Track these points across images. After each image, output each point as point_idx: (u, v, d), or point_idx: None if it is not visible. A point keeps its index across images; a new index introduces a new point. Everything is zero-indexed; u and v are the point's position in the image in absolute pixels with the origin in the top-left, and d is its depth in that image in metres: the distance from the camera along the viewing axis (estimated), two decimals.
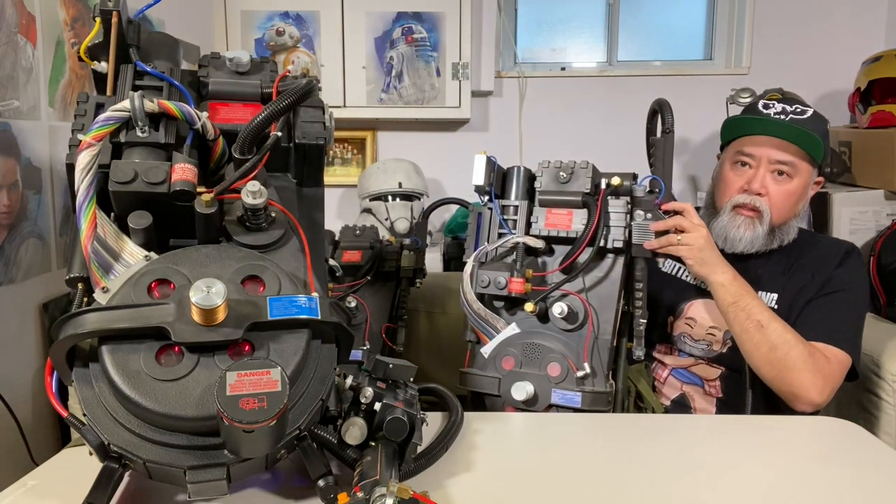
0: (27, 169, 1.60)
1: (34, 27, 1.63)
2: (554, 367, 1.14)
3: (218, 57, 0.96)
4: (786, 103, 1.38)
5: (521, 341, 1.17)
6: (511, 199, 1.25)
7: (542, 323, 1.19)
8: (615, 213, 1.17)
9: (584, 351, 1.15)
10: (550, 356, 1.14)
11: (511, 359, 1.17)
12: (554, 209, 1.20)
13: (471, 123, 3.08)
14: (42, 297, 1.65)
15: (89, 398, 0.71)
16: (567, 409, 1.12)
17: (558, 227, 1.19)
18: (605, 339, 1.16)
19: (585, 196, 1.17)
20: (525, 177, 1.26)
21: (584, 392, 1.11)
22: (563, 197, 1.19)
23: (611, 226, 1.17)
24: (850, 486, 0.86)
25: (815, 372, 1.22)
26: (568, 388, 1.13)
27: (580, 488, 0.85)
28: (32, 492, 0.83)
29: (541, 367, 1.15)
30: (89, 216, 0.75)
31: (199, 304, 0.68)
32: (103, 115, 0.80)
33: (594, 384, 1.13)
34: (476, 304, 1.19)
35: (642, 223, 1.17)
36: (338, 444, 0.80)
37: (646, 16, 3.26)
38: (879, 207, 2.35)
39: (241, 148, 0.84)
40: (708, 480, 0.87)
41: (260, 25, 2.86)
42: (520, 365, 1.16)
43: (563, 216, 1.19)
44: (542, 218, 1.20)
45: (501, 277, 1.17)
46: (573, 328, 1.16)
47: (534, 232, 1.21)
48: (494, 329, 1.19)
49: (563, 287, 1.18)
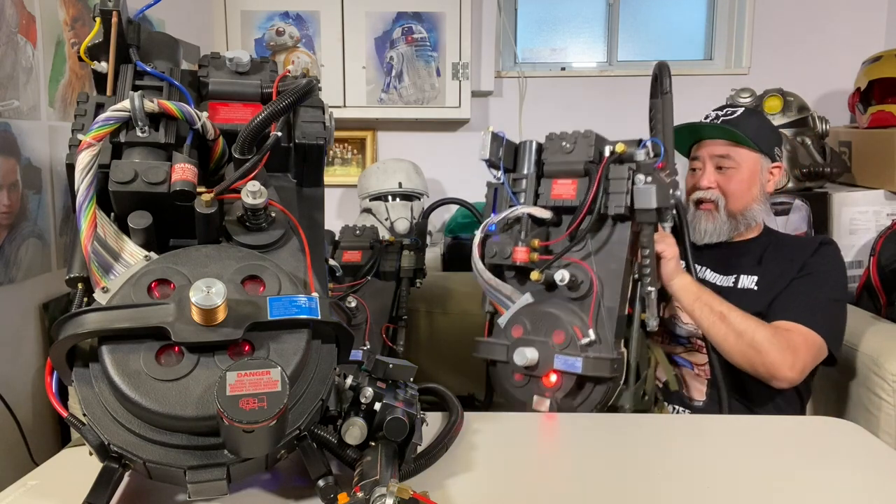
0: (27, 169, 1.60)
1: (34, 27, 1.63)
2: (559, 334, 1.14)
3: (218, 57, 0.96)
4: (720, 109, 1.61)
5: (530, 310, 1.18)
6: (521, 173, 1.27)
7: (550, 292, 1.20)
8: (617, 179, 1.17)
9: (590, 318, 1.15)
10: (556, 323, 1.15)
11: (520, 327, 1.18)
12: (560, 179, 1.21)
13: (471, 123, 3.07)
14: (42, 297, 1.65)
15: (89, 398, 0.71)
16: (569, 374, 1.12)
17: (563, 197, 1.20)
18: (611, 306, 1.16)
19: (587, 164, 1.18)
20: (534, 150, 1.28)
21: (585, 357, 1.11)
22: (568, 167, 1.20)
23: (611, 192, 1.16)
24: (850, 486, 0.86)
25: (782, 349, 1.31)
26: (570, 354, 1.13)
27: (580, 488, 0.85)
28: (32, 492, 0.83)
29: (547, 334, 1.15)
30: (89, 216, 0.75)
31: (199, 304, 0.68)
32: (103, 115, 0.80)
33: (599, 351, 1.13)
34: (486, 273, 1.21)
35: (643, 187, 1.15)
36: (338, 444, 0.80)
37: (646, 16, 3.26)
38: (879, 207, 2.35)
39: (241, 148, 0.84)
40: (708, 480, 0.87)
41: (260, 25, 2.86)
42: (528, 333, 1.17)
43: (568, 186, 1.20)
44: (549, 189, 1.22)
45: (507, 247, 1.19)
46: (579, 296, 1.17)
47: (541, 203, 1.22)
48: (508, 299, 1.21)
49: (568, 255, 1.18)
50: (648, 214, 1.17)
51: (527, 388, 1.17)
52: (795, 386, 1.45)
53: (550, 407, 1.13)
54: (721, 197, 1.53)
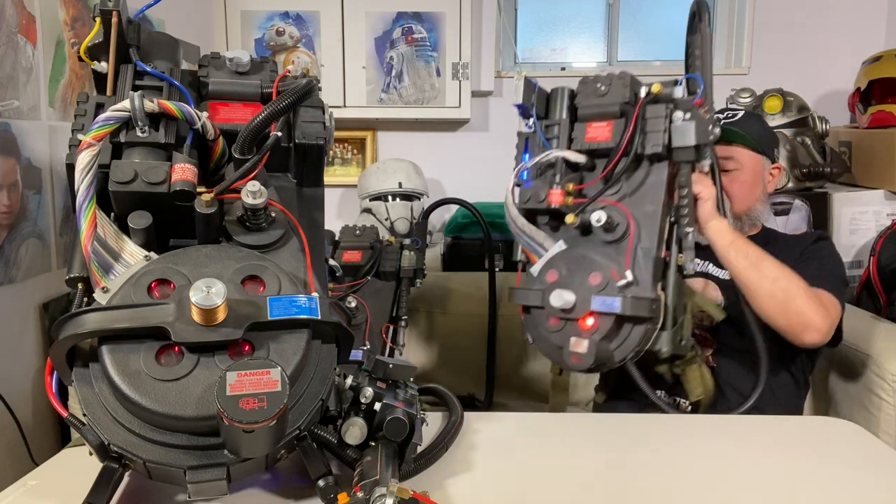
0: (27, 169, 1.60)
1: (34, 27, 1.63)
2: (595, 276, 1.11)
3: (218, 57, 0.96)
4: (720, 112, 1.59)
5: (564, 254, 1.16)
6: (553, 118, 1.24)
7: (584, 237, 1.17)
8: (654, 118, 1.13)
9: (626, 259, 1.11)
10: (592, 266, 1.11)
11: (555, 272, 1.15)
12: (594, 122, 1.18)
13: (471, 123, 3.07)
14: (42, 297, 1.65)
15: (89, 398, 0.71)
16: (607, 316, 1.08)
17: (598, 140, 1.17)
18: (648, 248, 1.13)
19: (623, 105, 1.15)
20: (567, 96, 1.24)
21: (623, 297, 1.07)
22: (602, 109, 1.17)
23: (648, 132, 1.13)
24: (850, 486, 0.86)
25: (814, 301, 1.29)
26: (608, 295, 1.09)
27: (580, 488, 0.85)
28: (32, 492, 0.83)
29: (583, 277, 1.12)
30: (89, 216, 0.75)
31: (199, 304, 0.68)
32: (103, 115, 0.80)
33: (637, 292, 1.09)
34: (520, 219, 1.18)
35: (681, 124, 1.12)
36: (338, 444, 0.80)
37: (646, 16, 3.26)
38: (879, 207, 2.35)
39: (241, 148, 0.84)
40: (708, 480, 0.87)
41: (260, 25, 2.86)
42: (563, 277, 1.14)
43: (603, 128, 1.17)
44: (582, 133, 1.19)
45: (541, 191, 1.16)
46: (615, 239, 1.13)
47: (575, 147, 1.19)
48: (541, 247, 1.18)
49: (603, 198, 1.15)
50: (687, 152, 1.13)
51: (563, 332, 1.13)
52: (795, 378, 1.46)
53: (588, 348, 1.07)
54: (726, 199, 1.50)
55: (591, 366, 1.07)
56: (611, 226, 1.12)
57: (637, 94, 1.16)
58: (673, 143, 1.13)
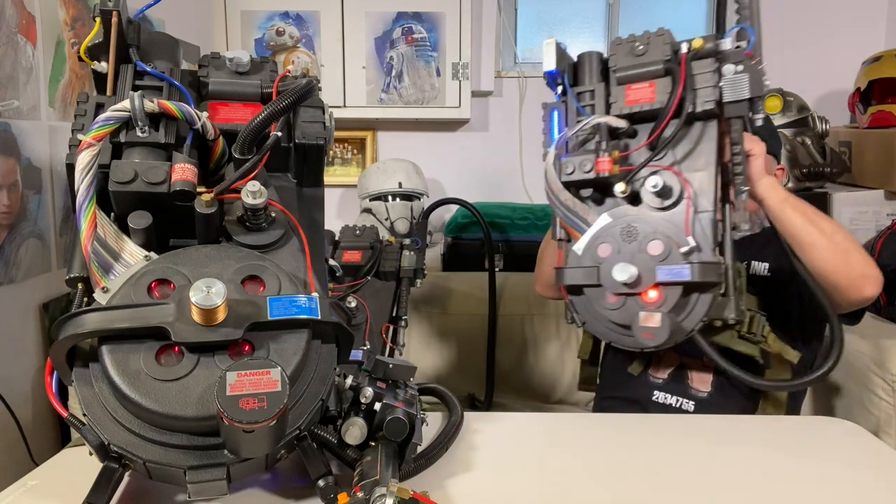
0: (27, 169, 1.60)
1: (34, 27, 1.63)
2: (655, 246, 1.05)
3: (218, 57, 0.96)
4: None
5: (616, 226, 1.09)
6: (585, 85, 1.17)
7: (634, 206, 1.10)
8: (703, 73, 1.07)
9: (686, 225, 1.06)
10: (650, 235, 1.05)
11: (607, 246, 1.08)
12: (634, 84, 1.12)
13: (471, 123, 3.07)
14: (42, 297, 1.65)
15: (89, 398, 0.71)
16: (675, 284, 1.03)
17: (641, 102, 1.11)
18: (705, 212, 1.08)
19: (667, 63, 1.09)
20: (596, 60, 1.18)
21: (692, 263, 1.01)
22: (643, 69, 1.10)
23: (698, 88, 1.07)
24: (850, 486, 0.86)
25: (867, 256, 1.26)
26: (674, 263, 1.03)
27: (580, 488, 0.85)
28: (32, 492, 0.83)
29: (641, 248, 1.06)
30: (89, 216, 0.75)
31: (199, 304, 0.68)
32: (103, 115, 0.80)
33: (702, 258, 1.04)
34: (563, 193, 1.11)
35: (734, 77, 1.06)
36: (338, 444, 0.80)
37: (646, 16, 3.26)
38: (879, 207, 2.35)
39: (241, 148, 0.84)
40: (708, 480, 0.87)
41: (260, 25, 2.86)
42: (618, 250, 1.07)
43: (645, 89, 1.10)
44: (622, 96, 1.12)
45: (587, 161, 1.09)
46: (669, 205, 1.08)
47: (614, 112, 1.12)
48: (584, 222, 1.11)
49: (653, 162, 1.09)
50: (740, 107, 1.07)
51: (624, 308, 1.06)
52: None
53: (662, 321, 1.01)
54: None
55: (665, 340, 1.01)
56: (666, 191, 1.07)
57: (678, 51, 1.09)
58: (725, 98, 1.07)
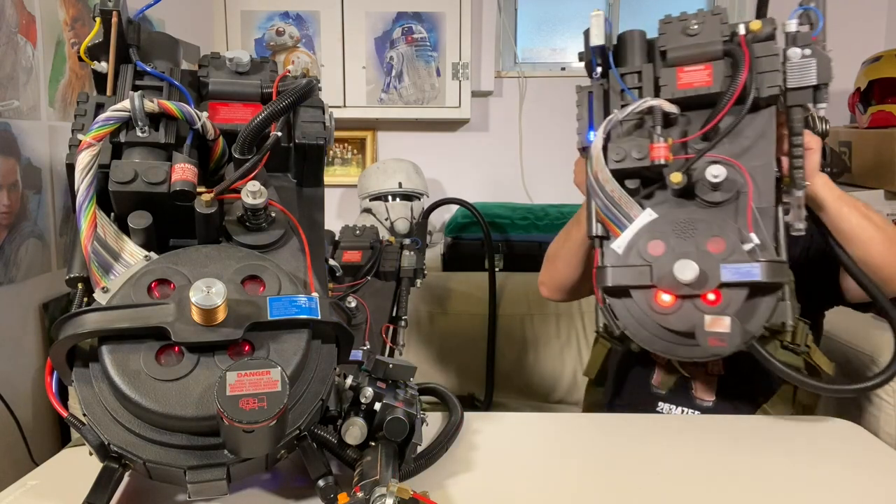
0: (27, 169, 1.60)
1: (34, 27, 1.63)
2: (716, 243, 0.97)
3: (218, 57, 0.96)
4: None
5: (669, 221, 1.00)
6: (631, 66, 1.08)
7: (686, 199, 1.03)
8: (766, 56, 1.00)
9: (748, 221, 0.98)
10: (710, 230, 0.97)
11: (659, 242, 0.99)
12: (687, 66, 1.03)
13: (471, 123, 3.07)
14: (42, 297, 1.65)
15: (89, 398, 0.71)
16: (741, 285, 0.95)
17: (696, 85, 1.02)
18: (766, 207, 1.01)
19: (726, 44, 1.01)
20: (641, 39, 1.09)
21: (760, 262, 0.94)
22: (699, 49, 1.02)
23: (761, 72, 0.99)
24: (850, 486, 0.86)
25: None
26: (739, 261, 0.95)
27: (580, 488, 0.85)
28: (32, 492, 0.83)
29: (698, 245, 0.97)
30: (89, 216, 0.75)
31: (199, 304, 0.68)
32: (103, 115, 0.80)
33: (768, 256, 0.96)
34: (611, 183, 1.02)
35: (800, 61, 0.99)
36: (338, 444, 0.80)
37: (646, 16, 3.26)
38: (879, 207, 2.35)
39: (242, 148, 0.84)
40: (708, 480, 0.87)
41: (260, 25, 2.86)
42: (671, 248, 0.98)
43: (700, 72, 1.02)
44: (673, 79, 1.04)
45: (639, 147, 1.01)
46: (724, 199, 1.00)
47: (665, 96, 1.04)
48: (627, 217, 1.03)
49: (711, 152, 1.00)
50: (804, 94, 1.01)
51: (681, 312, 0.97)
52: None
53: (732, 325, 0.92)
54: None
55: (737, 346, 0.93)
56: (727, 184, 0.99)
57: (734, 34, 1.02)
58: (789, 84, 1.00)
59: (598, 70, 1.10)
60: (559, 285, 1.45)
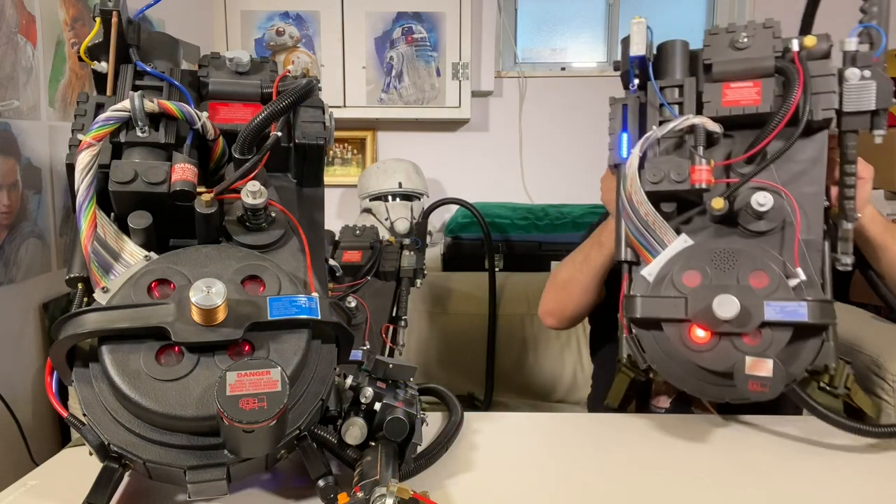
0: (27, 169, 1.60)
1: (34, 27, 1.63)
2: (759, 277, 0.90)
3: (218, 57, 0.96)
4: None
5: (706, 249, 0.93)
6: (671, 78, 1.01)
7: (727, 227, 0.96)
8: (822, 76, 0.93)
9: (795, 254, 0.91)
10: (752, 263, 0.90)
11: (696, 273, 0.92)
12: (733, 82, 0.96)
13: (471, 123, 3.08)
14: (42, 297, 1.65)
15: (89, 398, 0.71)
16: (786, 325, 0.88)
17: (743, 104, 0.95)
18: (811, 239, 0.94)
19: (779, 60, 0.95)
20: (684, 50, 1.02)
21: (808, 301, 0.87)
22: (748, 65, 0.96)
23: (815, 94, 0.92)
24: (850, 486, 0.86)
25: None
26: (785, 299, 0.88)
27: (580, 488, 0.85)
28: (32, 492, 0.83)
29: (739, 278, 0.90)
30: (89, 216, 0.75)
31: (199, 304, 0.68)
32: (103, 115, 0.80)
33: (815, 294, 0.90)
34: (645, 206, 0.95)
35: (859, 83, 0.92)
36: (338, 444, 0.80)
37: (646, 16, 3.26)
38: (879, 207, 2.34)
39: (242, 148, 0.84)
40: (707, 480, 0.87)
41: (260, 25, 2.87)
42: (709, 280, 0.91)
43: (749, 89, 0.95)
44: (718, 95, 0.96)
45: (679, 168, 0.93)
46: (768, 228, 0.93)
47: (708, 113, 0.96)
48: (661, 242, 0.95)
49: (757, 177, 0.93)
50: (861, 119, 0.94)
51: (718, 350, 0.89)
52: None
53: (775, 370, 0.84)
54: None
55: (779, 392, 0.86)
56: (773, 213, 0.92)
57: (787, 48, 0.96)
58: (845, 107, 0.93)
59: (636, 82, 1.03)
60: (572, 314, 1.36)
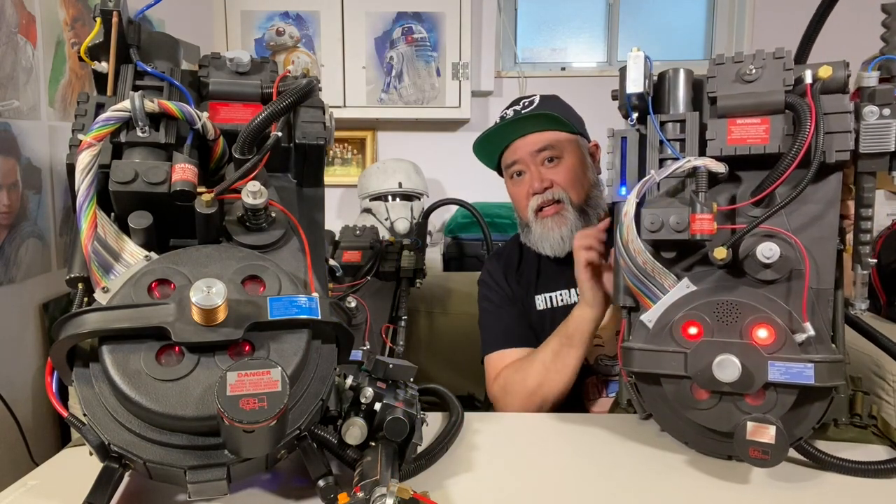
0: (27, 169, 1.60)
1: (34, 27, 1.63)
2: (763, 332, 0.84)
3: (218, 57, 0.96)
4: (515, 104, 1.41)
5: (708, 300, 0.88)
6: (673, 112, 0.94)
7: (732, 275, 0.90)
8: (836, 113, 0.85)
9: (803, 307, 0.85)
10: (756, 316, 0.85)
11: (696, 324, 0.87)
12: (740, 119, 0.89)
13: (471, 123, 3.08)
14: (42, 297, 1.65)
15: (89, 398, 0.71)
16: (791, 387, 0.84)
17: (749, 142, 0.88)
18: (822, 289, 0.88)
19: (789, 94, 0.87)
20: (683, 81, 0.95)
21: (815, 362, 0.81)
22: (755, 99, 0.88)
23: (828, 133, 0.85)
24: (850, 486, 0.86)
25: None
26: (790, 358, 0.83)
27: (580, 488, 0.85)
28: (32, 492, 0.83)
29: (742, 333, 0.85)
30: (89, 216, 0.75)
31: (200, 304, 0.68)
32: (104, 115, 0.80)
33: (823, 351, 0.84)
34: (643, 255, 0.89)
35: (877, 122, 0.85)
36: (338, 444, 0.80)
37: (646, 16, 3.26)
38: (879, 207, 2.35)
39: (242, 148, 0.84)
40: (707, 479, 0.87)
41: (260, 25, 2.87)
42: (710, 332, 0.86)
43: (756, 126, 0.88)
44: (723, 132, 0.89)
45: (678, 216, 0.87)
46: (775, 278, 0.87)
47: (712, 152, 0.89)
48: (661, 288, 0.91)
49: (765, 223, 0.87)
50: (879, 162, 0.86)
51: (719, 409, 0.86)
52: None
53: (777, 437, 0.81)
54: (563, 192, 1.32)
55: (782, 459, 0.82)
56: (781, 264, 0.86)
57: (799, 80, 0.87)
58: (862, 148, 0.86)
59: (635, 116, 0.96)
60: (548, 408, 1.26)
